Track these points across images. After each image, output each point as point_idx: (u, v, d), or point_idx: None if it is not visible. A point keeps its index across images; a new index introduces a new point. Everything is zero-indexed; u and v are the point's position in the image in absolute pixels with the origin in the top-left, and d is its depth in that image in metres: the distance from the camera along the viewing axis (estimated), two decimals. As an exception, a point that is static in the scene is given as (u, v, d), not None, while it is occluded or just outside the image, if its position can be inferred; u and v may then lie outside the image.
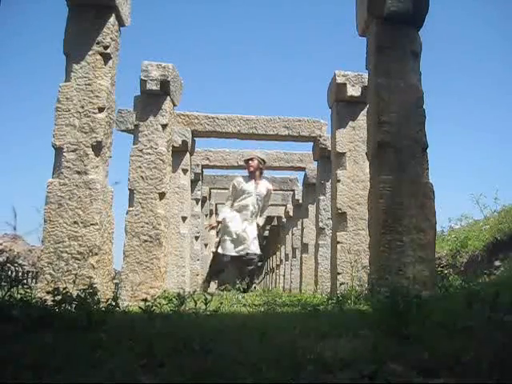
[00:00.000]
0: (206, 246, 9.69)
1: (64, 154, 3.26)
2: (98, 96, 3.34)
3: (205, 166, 8.38)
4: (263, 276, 20.64)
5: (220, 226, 6.32)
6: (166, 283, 4.77)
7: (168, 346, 1.34)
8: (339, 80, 5.10)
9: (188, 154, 6.60)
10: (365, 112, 4.40)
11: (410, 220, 3.16)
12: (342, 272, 4.65)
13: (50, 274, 3.10)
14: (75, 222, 3.18)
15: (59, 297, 1.92)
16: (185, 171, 6.55)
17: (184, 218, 6.41)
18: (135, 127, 5.02)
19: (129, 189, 4.75)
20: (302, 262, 8.00)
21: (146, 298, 2.26)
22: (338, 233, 4.91)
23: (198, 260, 7.91)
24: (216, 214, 11.91)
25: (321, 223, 6.35)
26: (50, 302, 1.93)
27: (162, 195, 4.74)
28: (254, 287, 6.32)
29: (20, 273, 2.49)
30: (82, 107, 3.32)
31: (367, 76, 3.76)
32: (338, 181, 5.06)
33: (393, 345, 1.38)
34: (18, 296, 2.00)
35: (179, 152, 6.34)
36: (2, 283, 2.02)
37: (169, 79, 4.87)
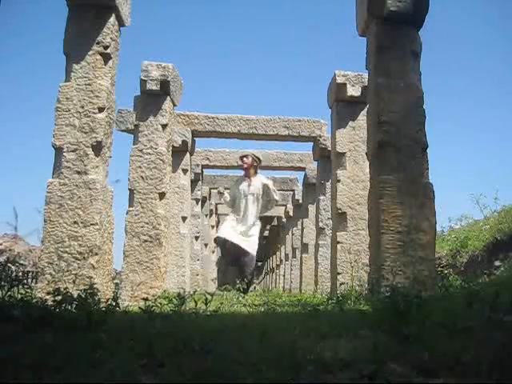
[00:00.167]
0: (206, 246, 9.70)
1: (64, 154, 3.26)
2: (98, 96, 3.35)
3: (205, 166, 8.39)
4: (263, 276, 20.65)
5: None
6: (166, 283, 4.77)
7: (168, 346, 1.34)
8: (339, 80, 5.10)
9: (188, 154, 6.61)
10: (365, 112, 4.40)
11: (410, 220, 3.16)
12: (342, 272, 4.65)
13: (50, 274, 3.10)
14: (75, 222, 3.18)
15: (59, 297, 1.92)
16: (185, 171, 6.56)
17: (184, 218, 6.41)
18: (135, 127, 5.02)
19: (129, 189, 4.75)
20: (302, 262, 8.01)
21: (146, 298, 2.26)
22: (338, 233, 4.91)
23: (198, 260, 7.92)
24: (216, 214, 11.94)
25: (321, 223, 6.35)
26: (50, 302, 1.93)
27: (162, 195, 4.74)
28: (254, 287, 6.30)
29: (20, 273, 2.49)
30: (82, 107, 3.32)
31: (367, 76, 3.76)
32: (338, 181, 5.06)
33: (393, 345, 1.38)
34: (19, 296, 2.00)
35: (179, 152, 6.35)
36: (3, 283, 2.02)
37: (169, 79, 4.87)
